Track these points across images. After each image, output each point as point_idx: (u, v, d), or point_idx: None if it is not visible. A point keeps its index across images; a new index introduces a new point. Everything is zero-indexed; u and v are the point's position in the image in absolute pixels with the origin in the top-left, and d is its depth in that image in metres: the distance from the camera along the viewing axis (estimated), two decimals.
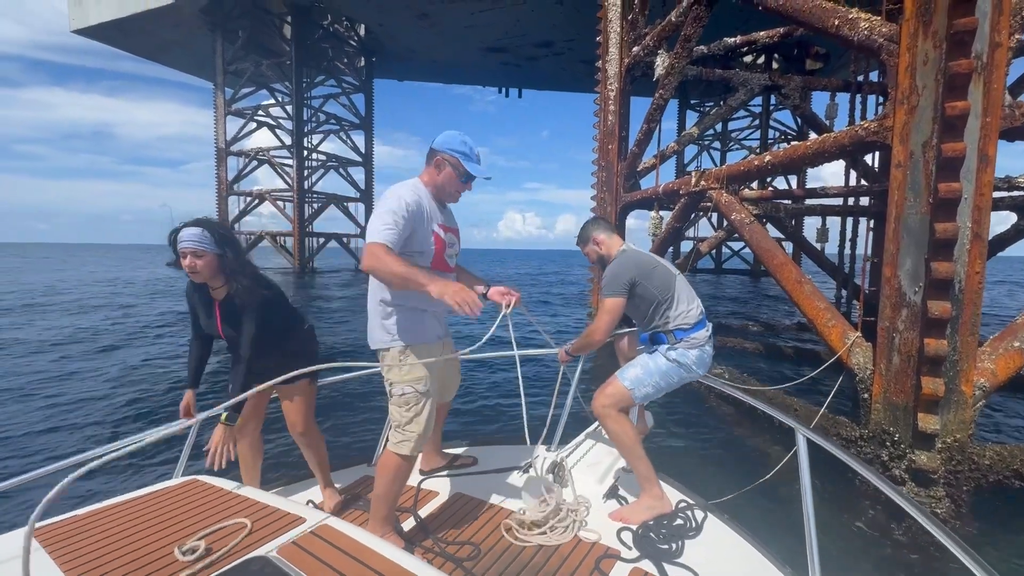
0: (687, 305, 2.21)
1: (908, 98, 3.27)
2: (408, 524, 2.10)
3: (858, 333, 3.96)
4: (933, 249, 2.96)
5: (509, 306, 2.00)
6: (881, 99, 8.65)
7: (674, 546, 1.87)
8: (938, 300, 2.93)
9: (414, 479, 2.47)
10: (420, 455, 2.51)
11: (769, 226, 9.96)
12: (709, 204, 6.33)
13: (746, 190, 7.11)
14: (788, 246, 17.05)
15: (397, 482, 1.92)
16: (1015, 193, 6.23)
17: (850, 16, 3.81)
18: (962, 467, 3.24)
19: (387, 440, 1.96)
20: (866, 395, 3.71)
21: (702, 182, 5.96)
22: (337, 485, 2.46)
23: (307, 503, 2.19)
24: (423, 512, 2.20)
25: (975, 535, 3.19)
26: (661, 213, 7.80)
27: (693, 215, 10.03)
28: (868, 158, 8.77)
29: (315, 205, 26.09)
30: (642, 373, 2.17)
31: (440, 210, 1.98)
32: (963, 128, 2.86)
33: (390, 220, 1.72)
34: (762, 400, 2.29)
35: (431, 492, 2.39)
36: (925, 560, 2.91)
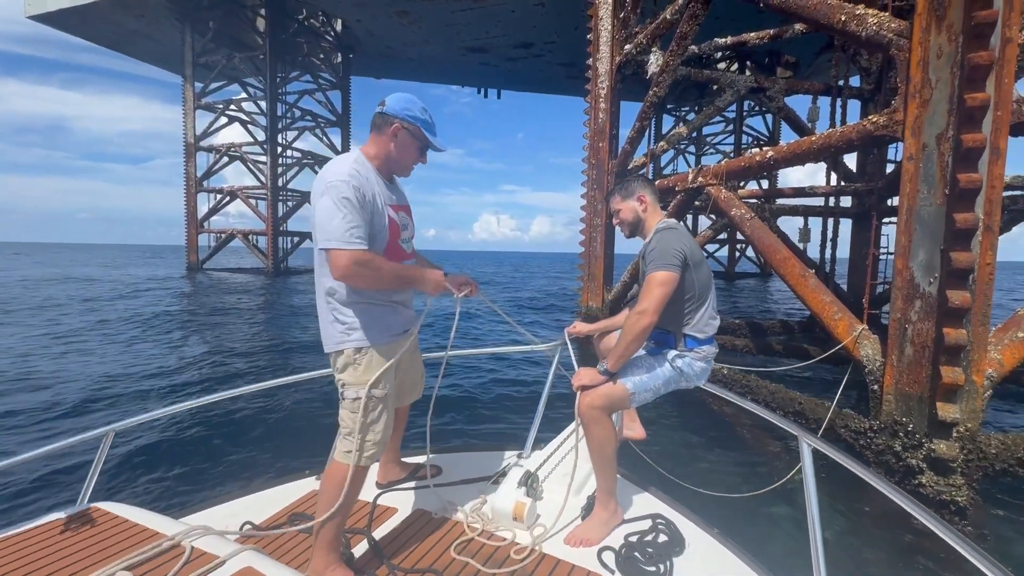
0: (712, 314, 2.00)
1: (920, 91, 3.31)
2: (361, 548, 1.85)
3: (864, 325, 4.01)
4: (951, 239, 2.99)
5: (462, 293, 1.85)
6: (860, 102, 8.94)
7: (662, 567, 1.70)
8: (957, 290, 2.96)
9: (370, 494, 2.18)
10: (377, 466, 2.28)
11: None
12: (700, 203, 6.37)
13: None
14: None
15: (345, 500, 1.63)
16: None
17: (857, 12, 3.86)
18: (972, 456, 3.29)
19: (335, 449, 1.72)
20: (875, 387, 3.74)
21: (699, 178, 5.97)
22: (281, 502, 2.20)
23: (243, 526, 1.90)
24: (379, 532, 1.95)
25: (990, 521, 3.24)
26: None
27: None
28: (848, 160, 9.06)
29: (290, 203, 25.39)
30: (647, 377, 1.92)
31: (388, 187, 1.72)
32: (982, 120, 2.90)
33: (352, 217, 1.50)
34: (763, 406, 2.11)
35: (389, 508, 2.12)
36: (939, 569, 2.87)
